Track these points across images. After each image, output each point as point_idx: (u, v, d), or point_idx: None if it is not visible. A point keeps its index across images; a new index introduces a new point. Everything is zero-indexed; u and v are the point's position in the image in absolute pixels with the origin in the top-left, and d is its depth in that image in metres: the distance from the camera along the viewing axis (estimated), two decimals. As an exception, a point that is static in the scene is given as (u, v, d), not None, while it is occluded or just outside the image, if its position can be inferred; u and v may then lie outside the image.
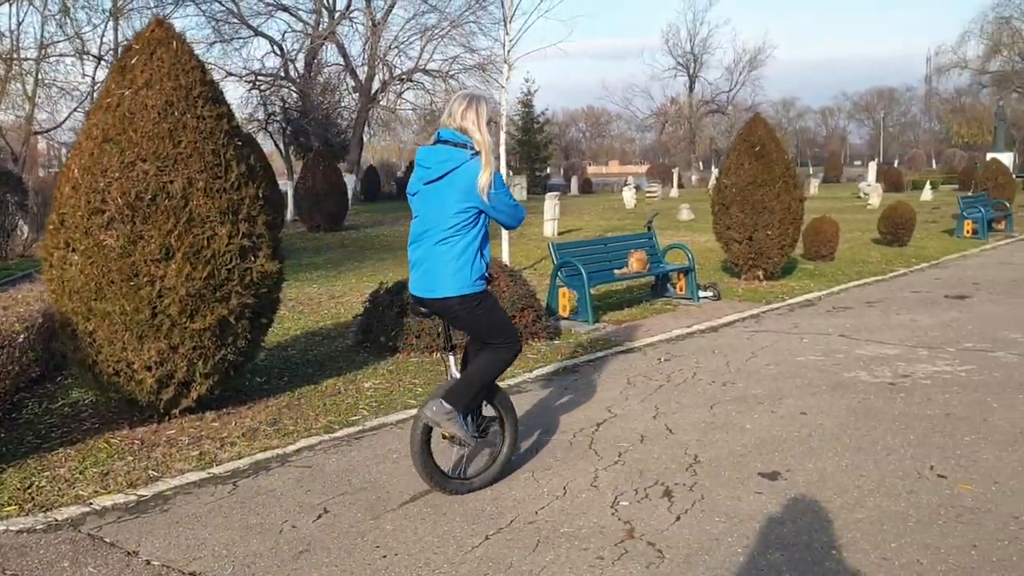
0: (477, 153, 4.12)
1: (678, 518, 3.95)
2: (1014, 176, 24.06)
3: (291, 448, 5.06)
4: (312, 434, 5.31)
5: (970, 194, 19.56)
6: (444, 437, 4.31)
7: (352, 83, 36.77)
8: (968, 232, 16.96)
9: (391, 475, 4.59)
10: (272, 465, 4.78)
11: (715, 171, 51.44)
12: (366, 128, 37.58)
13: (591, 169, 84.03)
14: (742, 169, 10.77)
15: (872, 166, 47.18)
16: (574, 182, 47.87)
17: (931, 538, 3.68)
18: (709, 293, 10.12)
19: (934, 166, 69.23)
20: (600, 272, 9.11)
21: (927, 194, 31.08)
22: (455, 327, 4.43)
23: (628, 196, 30.56)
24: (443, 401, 4.17)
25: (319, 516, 4.07)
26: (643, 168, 73.78)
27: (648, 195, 36.60)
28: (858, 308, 9.46)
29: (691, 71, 66.74)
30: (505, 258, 11.23)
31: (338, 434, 5.31)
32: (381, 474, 4.61)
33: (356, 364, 7.03)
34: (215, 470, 4.71)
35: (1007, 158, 35.06)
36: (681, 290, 10.14)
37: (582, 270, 8.50)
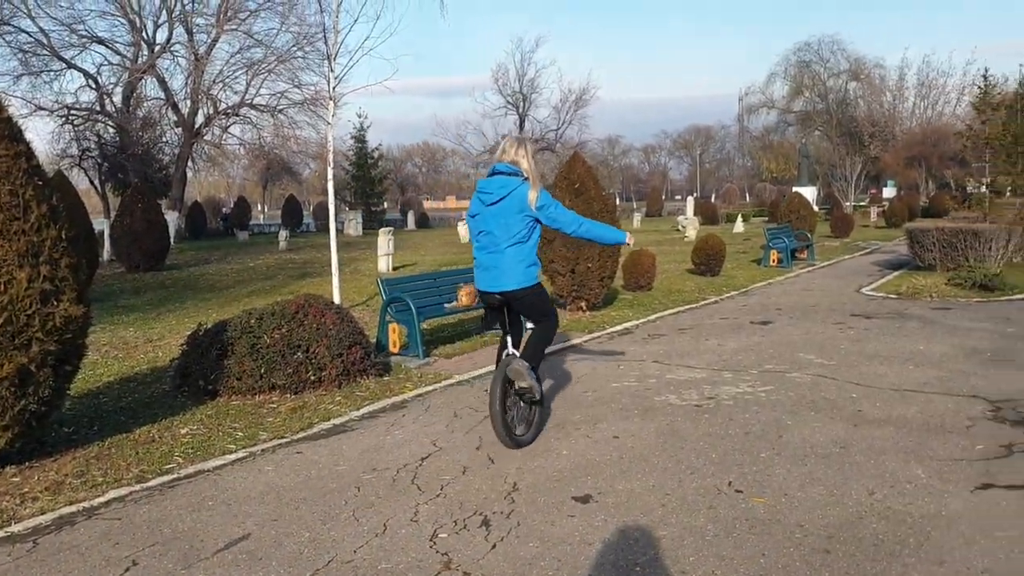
0: (526, 179, 5.57)
1: (494, 546, 4.07)
2: (816, 208, 26.12)
3: (99, 500, 4.83)
4: (123, 485, 5.09)
5: (775, 226, 21.07)
6: (518, 392, 5.55)
7: (174, 118, 35.48)
8: (774, 261, 18.27)
9: (206, 523, 4.47)
10: (78, 519, 4.56)
11: (547, 206, 52.84)
12: (190, 163, 36.30)
13: (428, 204, 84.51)
14: (563, 204, 11.17)
15: (690, 200, 49.98)
16: (411, 217, 47.96)
17: (726, 550, 3.97)
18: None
19: (747, 199, 73.97)
20: (430, 307, 9.22)
21: (739, 226, 33.21)
22: (518, 309, 5.80)
23: (463, 231, 30.95)
24: (524, 360, 5.51)
25: (126, 570, 3.92)
26: (478, 203, 74.60)
27: (482, 230, 37.15)
28: (671, 335, 10.00)
29: (521, 110, 68.48)
30: (336, 296, 11.15)
31: (151, 483, 5.11)
32: (196, 522, 4.49)
33: (173, 410, 6.78)
34: (13, 528, 4.44)
35: (810, 192, 38.10)
36: (509, 323, 10.38)
37: (411, 305, 8.57)
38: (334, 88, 11.73)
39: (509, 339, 5.84)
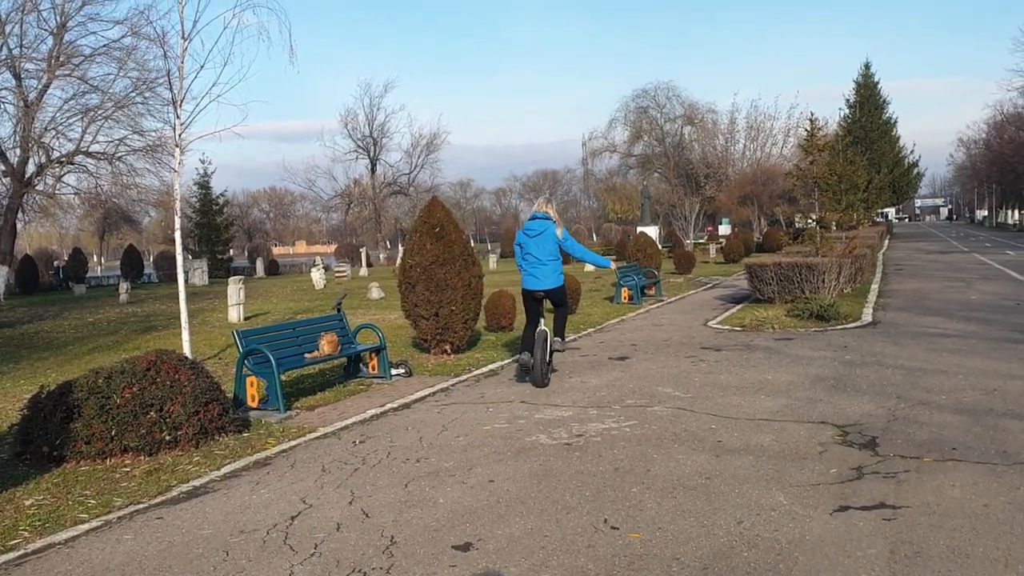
0: (554, 222, 9.56)
1: (377, 603, 3.96)
2: (660, 246, 27.19)
3: (-70, 588, 4.38)
4: (-42, 568, 4.63)
5: (625, 264, 21.78)
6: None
7: (2, 167, 33.19)
8: (625, 299, 18.86)
9: (59, 602, 4.13)
10: (-95, 611, 4.11)
11: (402, 250, 52.78)
12: (20, 215, 33.95)
13: (277, 250, 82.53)
14: (424, 249, 11.19)
15: (543, 241, 50.93)
16: (260, 264, 46.64)
17: (608, 586, 4.01)
18: (401, 370, 10.32)
19: (594, 239, 76.22)
20: (290, 357, 8.96)
21: (590, 265, 34.10)
22: (551, 299, 9.68)
23: (317, 277, 30.36)
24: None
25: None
26: (331, 248, 73.75)
27: (338, 275, 36.58)
28: (537, 375, 10.11)
29: (372, 154, 68.29)
30: (186, 349, 10.65)
31: (-8, 563, 4.68)
32: (46, 603, 4.13)
33: (14, 480, 6.26)
34: None
35: (653, 231, 39.69)
36: (374, 369, 10.24)
37: (270, 357, 8.29)
38: (180, 134, 11.30)
39: (541, 320, 9.60)
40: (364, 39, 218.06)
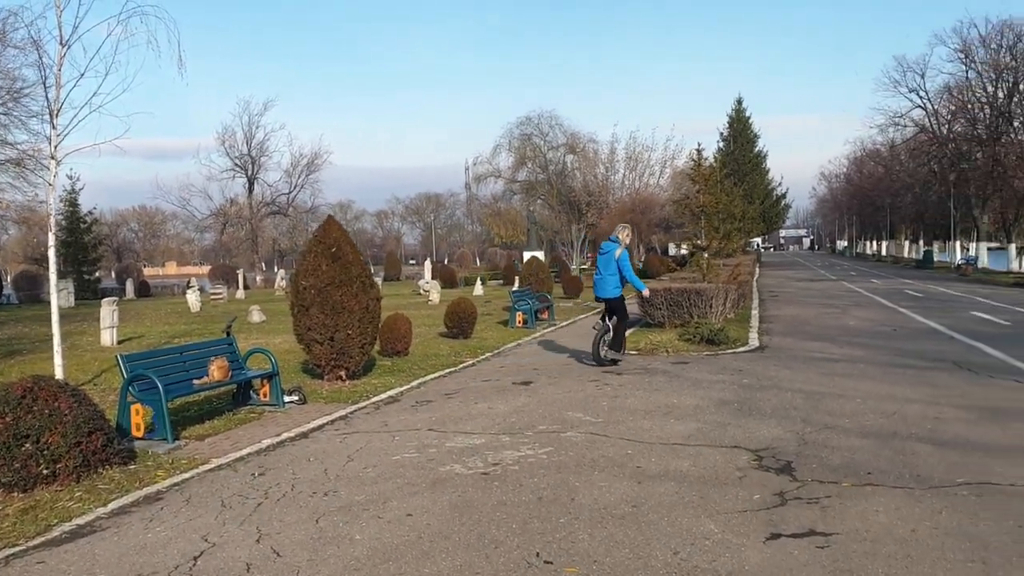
0: (620, 244, 11.97)
1: (302, 656, 3.57)
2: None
3: None
4: None
5: (518, 288, 21.73)
6: (609, 358, 12.05)
7: None
8: (520, 322, 18.76)
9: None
10: None
11: (280, 272, 51.24)
12: None
13: (148, 271, 78.94)
14: (320, 270, 10.73)
15: (427, 264, 50.62)
16: (130, 285, 44.29)
17: (552, 627, 3.76)
18: (295, 397, 9.81)
19: (478, 263, 76.34)
20: (178, 384, 8.34)
21: (479, 289, 33.99)
22: (609, 307, 12.07)
23: (193, 299, 28.98)
24: (612, 350, 12.02)
25: None
26: (205, 269, 71.10)
27: (214, 297, 35.11)
28: (439, 400, 9.81)
29: (250, 173, 66.37)
30: (59, 374, 9.80)
31: None
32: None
33: None
34: None
35: (539, 256, 39.89)
36: (265, 396, 9.69)
37: (158, 383, 7.68)
38: (56, 146, 10.47)
39: (606, 323, 12.12)
40: (244, 57, 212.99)
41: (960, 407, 8.49)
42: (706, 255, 18.94)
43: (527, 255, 38.80)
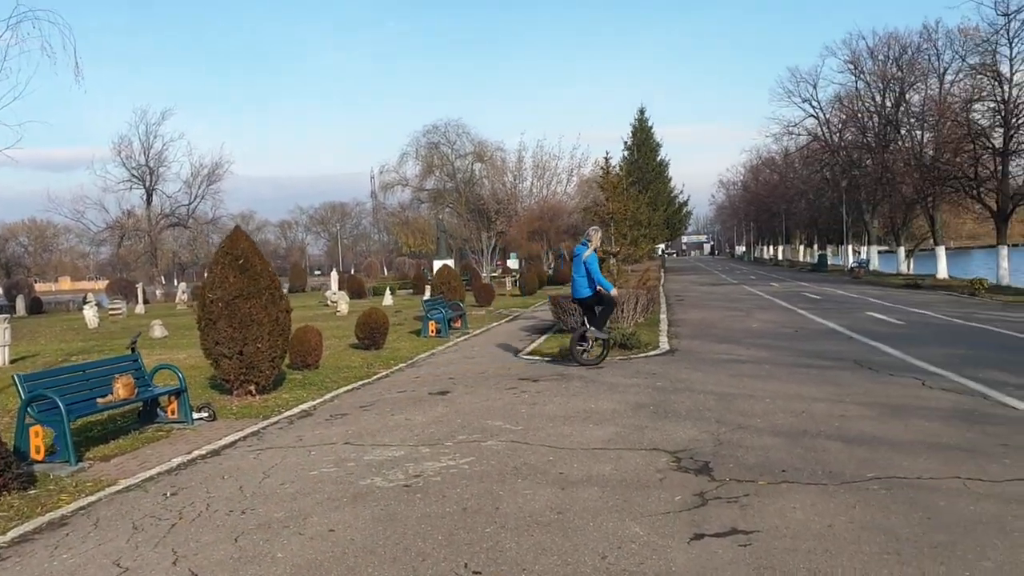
0: (590, 246, 12.53)
1: None
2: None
3: None
4: None
5: (430, 297, 21.60)
6: (594, 340, 12.70)
7: None
8: (433, 332, 18.63)
9: None
10: None
11: (182, 285, 49.69)
12: None
13: (39, 287, 75.44)
14: (227, 282, 10.42)
15: (334, 275, 49.84)
16: (20, 302, 42.21)
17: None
18: (204, 414, 9.48)
19: (386, 273, 75.68)
20: (81, 403, 7.95)
21: (388, 299, 33.67)
22: (585, 306, 12.72)
23: (91, 315, 27.74)
24: (595, 328, 12.54)
25: None
26: (102, 284, 68.39)
27: (112, 313, 33.76)
28: (354, 413, 9.63)
29: (148, 184, 64.20)
30: (-56, 398, 9.24)
31: None
32: None
33: None
34: None
35: (449, 264, 39.78)
36: (173, 413, 9.33)
37: (59, 403, 7.30)
38: (-62, 152, 9.89)
39: (586, 319, 12.74)
40: (139, 65, 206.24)
41: (864, 404, 8.81)
42: (615, 261, 19.20)
43: (437, 264, 38.63)
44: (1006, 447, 6.73)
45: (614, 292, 12.77)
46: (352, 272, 69.40)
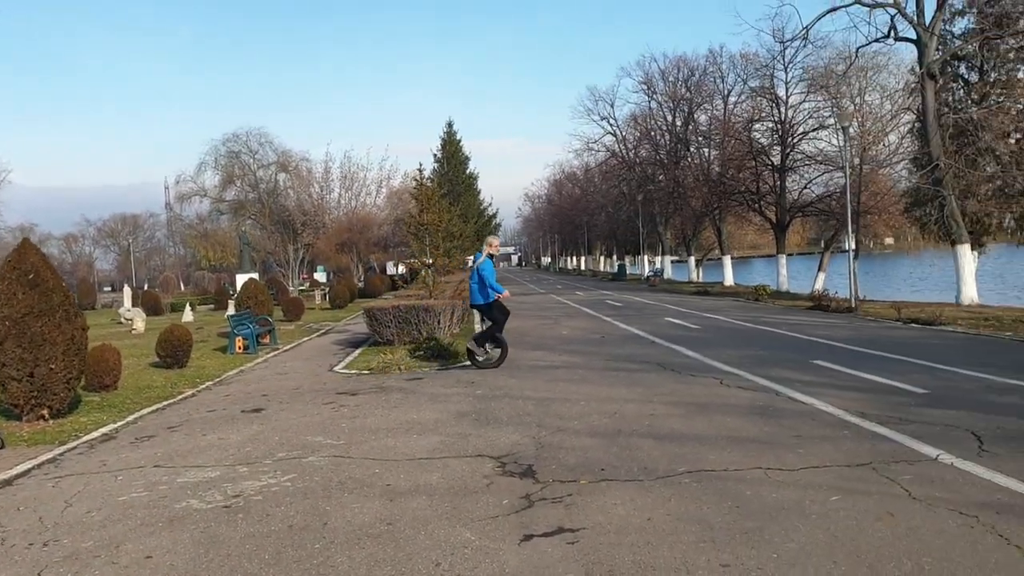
0: (484, 254, 13.12)
1: None
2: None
3: None
4: None
5: (236, 312, 20.77)
6: (470, 350, 13.18)
7: None
8: (240, 348, 17.93)
9: None
10: None
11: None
12: None
13: None
14: (15, 299, 9.59)
15: (127, 291, 46.83)
16: None
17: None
18: (-11, 443, 8.66)
19: (183, 288, 71.93)
20: None
21: (188, 315, 32.05)
22: (482, 312, 13.60)
23: None
24: (474, 341, 13.21)
25: None
26: None
27: None
28: (162, 435, 9.12)
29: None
30: None
31: None
32: None
33: None
34: None
35: (254, 278, 38.41)
36: (-50, 445, 8.46)
37: None
38: None
39: (482, 325, 13.76)
40: None
41: (670, 403, 9.35)
42: (431, 272, 19.30)
43: (240, 278, 37.22)
44: (799, 438, 7.37)
45: (506, 294, 13.21)
46: (146, 287, 65.38)
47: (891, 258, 65.19)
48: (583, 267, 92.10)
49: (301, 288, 50.63)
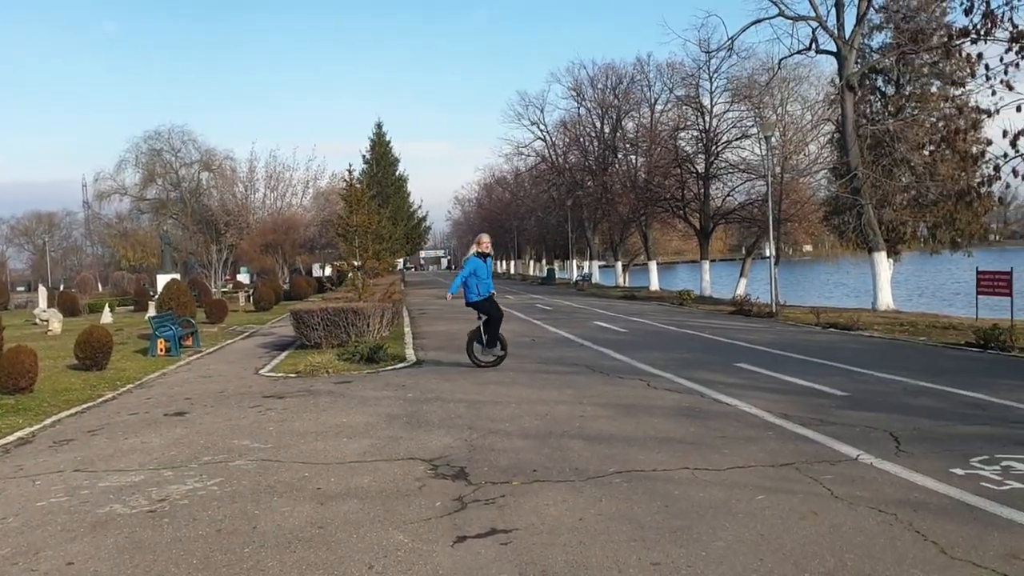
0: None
1: None
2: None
3: None
4: None
5: (157, 314, 20.25)
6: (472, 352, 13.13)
7: None
8: (162, 350, 17.48)
9: None
10: None
11: None
12: None
13: None
14: None
15: (42, 291, 45.20)
16: None
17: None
18: None
19: (101, 288, 69.72)
20: None
21: (107, 316, 31.06)
22: (478, 310, 13.06)
23: None
24: (478, 343, 13.14)
25: None
26: None
27: None
28: (82, 439, 8.85)
29: None
30: None
31: None
32: None
33: None
34: None
35: (176, 279, 37.48)
36: None
37: None
38: None
39: (481, 326, 13.03)
40: None
41: (600, 405, 9.47)
42: (360, 274, 19.13)
43: (162, 278, 36.30)
44: (725, 438, 7.55)
45: (448, 296, 13.57)
46: (63, 288, 63.11)
47: (810, 265, 67.08)
48: (513, 271, 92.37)
49: (224, 290, 49.55)
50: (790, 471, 6.38)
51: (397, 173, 71.66)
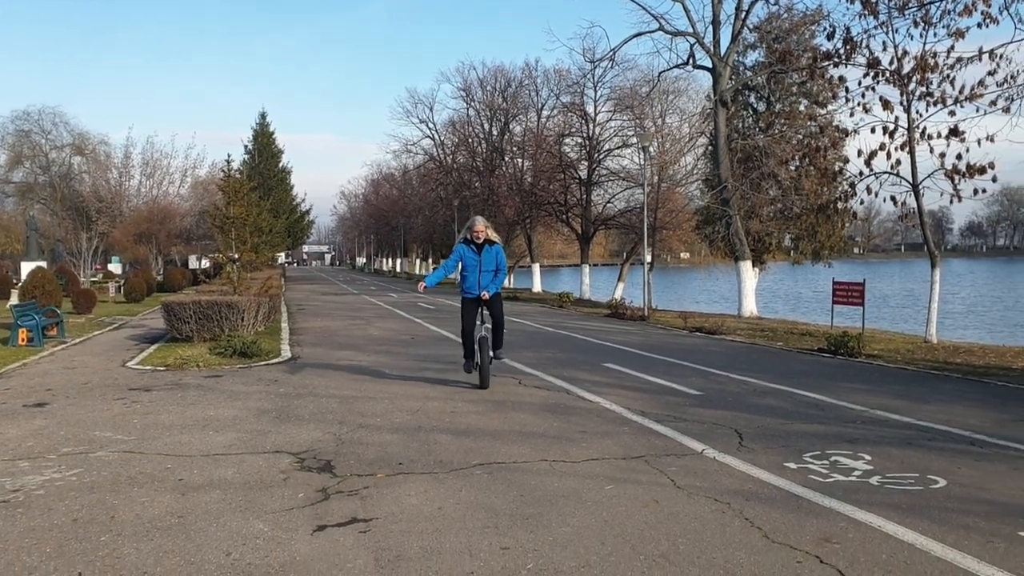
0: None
1: None
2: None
3: None
4: None
5: (19, 302, 19.36)
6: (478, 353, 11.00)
7: None
8: (24, 340, 16.75)
9: None
10: None
11: None
12: None
13: None
14: None
15: None
16: None
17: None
18: None
19: (-42, 275, 65.66)
20: None
21: (-37, 304, 29.38)
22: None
23: None
24: (486, 345, 10.96)
25: None
26: None
27: None
28: (-70, 430, 8.50)
29: None
30: None
31: None
32: None
33: None
34: None
35: (42, 266, 35.76)
36: None
37: None
38: None
39: (485, 326, 11.17)
40: None
41: (471, 401, 9.75)
42: (236, 267, 18.83)
43: (26, 266, 34.60)
44: (584, 433, 7.94)
45: (420, 286, 11.61)
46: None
47: (685, 271, 69.57)
48: (399, 269, 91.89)
49: (94, 279, 47.47)
50: (640, 463, 6.80)
51: (280, 165, 70.23)
